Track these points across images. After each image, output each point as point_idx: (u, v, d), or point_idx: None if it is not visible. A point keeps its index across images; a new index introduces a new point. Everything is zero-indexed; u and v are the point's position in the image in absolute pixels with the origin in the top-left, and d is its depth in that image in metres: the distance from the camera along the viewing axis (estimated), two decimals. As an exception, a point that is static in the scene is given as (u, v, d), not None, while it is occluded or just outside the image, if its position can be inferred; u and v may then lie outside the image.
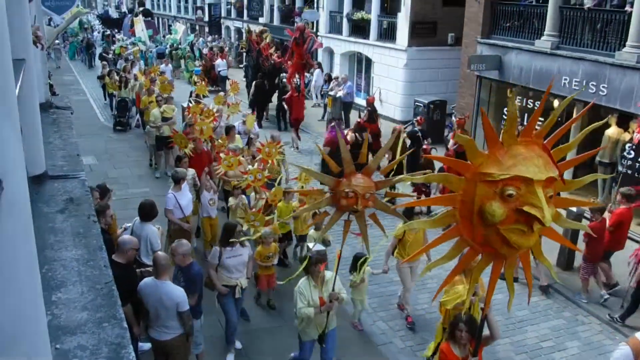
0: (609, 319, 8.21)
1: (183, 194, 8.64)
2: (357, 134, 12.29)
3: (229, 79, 23.80)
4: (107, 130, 17.89)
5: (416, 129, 12.61)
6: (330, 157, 11.49)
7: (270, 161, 8.82)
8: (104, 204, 7.06)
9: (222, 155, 9.30)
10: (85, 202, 3.60)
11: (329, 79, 21.00)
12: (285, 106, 16.99)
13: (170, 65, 24.62)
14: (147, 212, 7.19)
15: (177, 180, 8.57)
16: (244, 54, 22.94)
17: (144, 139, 15.63)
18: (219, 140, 10.71)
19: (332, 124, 12.77)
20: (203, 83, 16.11)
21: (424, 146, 11.73)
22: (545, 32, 12.58)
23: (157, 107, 13.54)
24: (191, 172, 9.51)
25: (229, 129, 11.43)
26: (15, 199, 1.61)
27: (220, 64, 24.15)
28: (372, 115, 13.57)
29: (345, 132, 12.86)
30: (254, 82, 18.62)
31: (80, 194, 3.71)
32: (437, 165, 10.85)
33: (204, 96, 15.14)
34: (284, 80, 17.84)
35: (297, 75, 16.60)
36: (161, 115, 13.29)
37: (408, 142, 11.83)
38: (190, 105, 12.58)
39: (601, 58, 11.25)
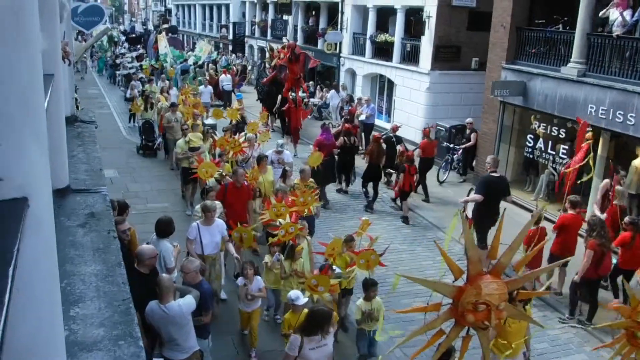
0: None
1: (209, 231, 7.74)
2: (345, 138, 13.72)
3: (235, 92, 24.08)
4: (129, 144, 18.07)
5: (391, 134, 15.14)
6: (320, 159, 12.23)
7: (307, 210, 7.96)
8: (120, 218, 7.05)
9: (272, 199, 8.09)
10: (106, 217, 3.60)
11: (349, 100, 21.04)
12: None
13: (209, 87, 22.52)
14: (164, 228, 7.09)
15: (206, 212, 7.81)
16: (263, 69, 23.39)
17: (168, 166, 15.60)
18: (252, 170, 10.21)
19: (325, 126, 13.96)
20: (237, 106, 16.29)
21: (401, 149, 13.96)
22: (571, 59, 12.42)
23: (183, 136, 12.79)
24: (217, 204, 8.49)
25: (260, 159, 10.54)
26: (40, 217, 1.60)
27: (224, 79, 24.45)
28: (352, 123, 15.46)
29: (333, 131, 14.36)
30: (279, 96, 18.96)
31: (101, 208, 3.71)
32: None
33: (237, 121, 15.15)
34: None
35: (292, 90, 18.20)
36: (187, 145, 12.37)
37: (384, 145, 13.92)
38: (215, 137, 12.28)
39: (629, 87, 11.03)
